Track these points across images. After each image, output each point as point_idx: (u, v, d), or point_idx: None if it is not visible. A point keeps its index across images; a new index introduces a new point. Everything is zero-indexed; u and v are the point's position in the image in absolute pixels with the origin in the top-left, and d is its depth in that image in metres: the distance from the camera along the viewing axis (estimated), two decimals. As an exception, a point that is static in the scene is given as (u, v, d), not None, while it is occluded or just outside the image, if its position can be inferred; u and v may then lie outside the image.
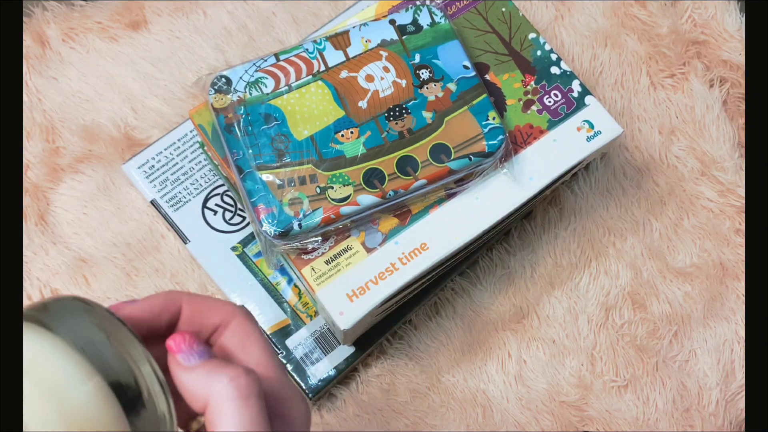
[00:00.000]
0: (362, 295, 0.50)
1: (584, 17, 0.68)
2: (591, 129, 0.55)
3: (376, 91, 0.53)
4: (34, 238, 0.60)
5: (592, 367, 0.60)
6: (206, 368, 0.30)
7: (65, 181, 0.61)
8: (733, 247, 0.64)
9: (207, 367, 0.30)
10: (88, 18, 0.66)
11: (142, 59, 0.65)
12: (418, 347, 0.59)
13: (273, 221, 0.49)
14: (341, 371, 0.57)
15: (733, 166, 0.65)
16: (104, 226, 0.60)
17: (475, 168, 0.52)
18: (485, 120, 0.53)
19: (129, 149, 0.62)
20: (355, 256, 0.51)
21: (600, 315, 0.61)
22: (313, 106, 0.52)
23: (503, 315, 0.60)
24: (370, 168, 0.51)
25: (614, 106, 0.66)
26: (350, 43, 0.54)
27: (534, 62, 0.56)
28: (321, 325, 0.57)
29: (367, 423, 0.57)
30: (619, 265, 0.62)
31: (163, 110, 0.63)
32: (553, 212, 0.63)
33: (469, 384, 0.59)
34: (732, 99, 0.68)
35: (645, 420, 0.59)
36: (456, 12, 0.57)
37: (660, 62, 0.68)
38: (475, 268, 0.61)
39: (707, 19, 0.69)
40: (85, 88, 0.64)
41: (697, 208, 0.64)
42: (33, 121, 0.62)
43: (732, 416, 0.60)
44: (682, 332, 0.61)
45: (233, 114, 0.51)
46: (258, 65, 0.53)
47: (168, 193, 0.59)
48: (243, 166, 0.50)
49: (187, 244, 0.59)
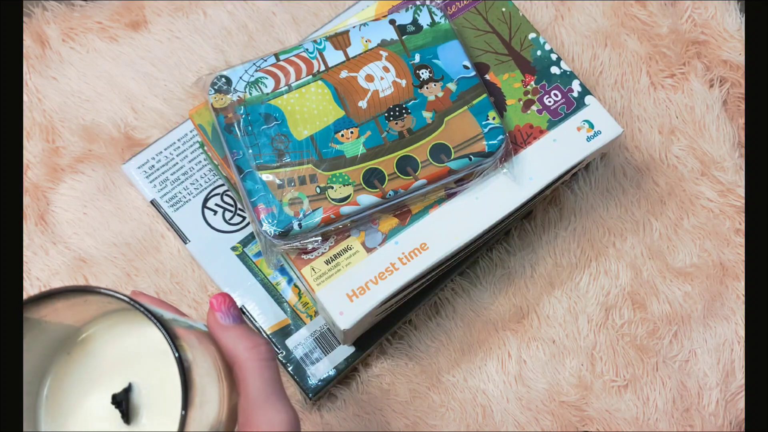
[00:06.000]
0: (362, 295, 0.50)
1: (584, 17, 0.68)
2: (591, 129, 0.55)
3: (376, 91, 0.53)
4: (34, 238, 0.60)
5: (592, 367, 0.60)
6: (236, 332, 0.35)
7: (65, 181, 0.61)
8: (733, 247, 0.64)
9: (237, 331, 0.35)
10: (88, 18, 0.66)
11: (142, 59, 0.65)
12: (418, 347, 0.59)
13: (273, 221, 0.49)
14: (341, 371, 0.57)
15: (733, 166, 0.65)
16: (104, 226, 0.60)
17: (475, 168, 0.52)
18: (485, 120, 0.53)
19: (129, 149, 0.62)
20: (355, 256, 0.51)
21: (600, 315, 0.61)
22: (313, 106, 0.52)
23: (503, 315, 0.60)
24: (370, 168, 0.51)
25: (614, 106, 0.66)
26: (350, 43, 0.54)
27: (534, 62, 0.56)
28: (321, 325, 0.57)
29: (367, 423, 0.57)
30: (619, 265, 0.62)
31: (163, 110, 0.63)
32: (553, 212, 0.63)
33: (469, 384, 0.59)
34: (732, 99, 0.68)
35: (645, 420, 0.59)
36: (456, 12, 0.57)
37: (660, 62, 0.68)
38: (475, 268, 0.61)
39: (707, 19, 0.69)
40: (85, 88, 0.64)
41: (697, 208, 0.64)
42: (33, 121, 0.62)
43: (732, 416, 0.60)
44: (682, 332, 0.61)
45: (233, 114, 0.51)
46: (258, 65, 0.53)
47: (168, 193, 0.59)
48: (243, 166, 0.50)
49: (187, 244, 0.59)
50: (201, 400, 0.30)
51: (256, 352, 0.35)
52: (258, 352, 0.35)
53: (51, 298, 0.30)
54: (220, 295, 0.37)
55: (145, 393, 0.33)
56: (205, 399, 0.31)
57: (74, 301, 0.31)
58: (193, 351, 0.31)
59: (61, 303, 0.31)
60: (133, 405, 0.33)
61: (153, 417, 0.33)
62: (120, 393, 0.32)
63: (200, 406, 0.30)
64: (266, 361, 0.35)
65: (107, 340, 0.34)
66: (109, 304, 0.33)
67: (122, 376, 0.33)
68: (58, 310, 0.31)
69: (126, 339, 0.34)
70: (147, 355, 0.34)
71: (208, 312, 0.36)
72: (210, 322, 0.36)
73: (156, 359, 0.33)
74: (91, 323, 0.35)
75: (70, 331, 0.34)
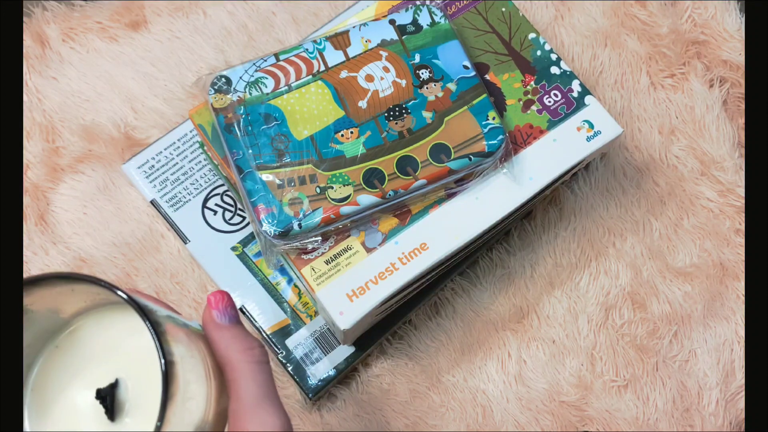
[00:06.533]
0: (362, 295, 0.50)
1: (584, 17, 0.68)
2: (591, 129, 0.55)
3: (376, 91, 0.53)
4: (34, 238, 0.60)
5: (592, 367, 0.60)
6: (231, 333, 0.35)
7: (65, 181, 0.61)
8: (733, 247, 0.64)
9: (232, 331, 0.35)
10: (88, 18, 0.66)
11: (142, 59, 0.65)
12: (418, 347, 0.59)
13: (273, 221, 0.49)
14: (341, 371, 0.57)
15: (733, 166, 0.65)
16: (104, 226, 0.60)
17: (475, 168, 0.52)
18: (485, 120, 0.53)
19: (129, 149, 0.62)
20: (355, 256, 0.51)
21: (600, 315, 0.61)
22: (313, 106, 0.52)
23: (503, 315, 0.60)
24: (370, 168, 0.51)
25: (614, 106, 0.66)
26: (350, 43, 0.54)
27: (534, 62, 0.56)
28: (321, 325, 0.57)
29: (367, 423, 0.57)
30: (619, 265, 0.62)
31: (163, 110, 0.63)
32: (553, 212, 0.63)
33: (469, 384, 0.59)
34: (732, 99, 0.68)
35: (645, 420, 0.59)
36: (456, 12, 0.57)
37: (660, 62, 0.68)
38: (475, 268, 0.61)
39: (707, 19, 0.69)
40: (85, 88, 0.64)
41: (697, 208, 0.64)
42: (33, 121, 0.62)
43: (732, 416, 0.60)
44: (682, 332, 0.61)
45: (233, 114, 0.51)
46: (258, 65, 0.53)
47: (168, 193, 0.59)
48: (243, 166, 0.50)
49: (187, 244, 0.59)
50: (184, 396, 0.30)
51: (250, 355, 0.34)
52: (252, 355, 0.34)
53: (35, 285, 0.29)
54: (219, 292, 0.36)
55: (132, 390, 0.32)
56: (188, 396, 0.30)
57: (60, 290, 0.31)
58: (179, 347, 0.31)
59: (46, 290, 0.30)
60: (118, 402, 0.32)
61: (137, 416, 0.32)
62: (105, 388, 0.32)
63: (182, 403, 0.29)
64: (260, 364, 0.34)
65: (96, 333, 0.34)
66: (97, 295, 0.32)
67: (110, 371, 0.33)
68: (44, 297, 0.31)
69: (115, 334, 0.34)
70: (136, 353, 0.33)
71: (204, 308, 0.36)
72: (205, 319, 0.35)
73: (145, 357, 0.33)
74: (80, 316, 0.34)
75: (58, 323, 0.34)
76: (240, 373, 0.34)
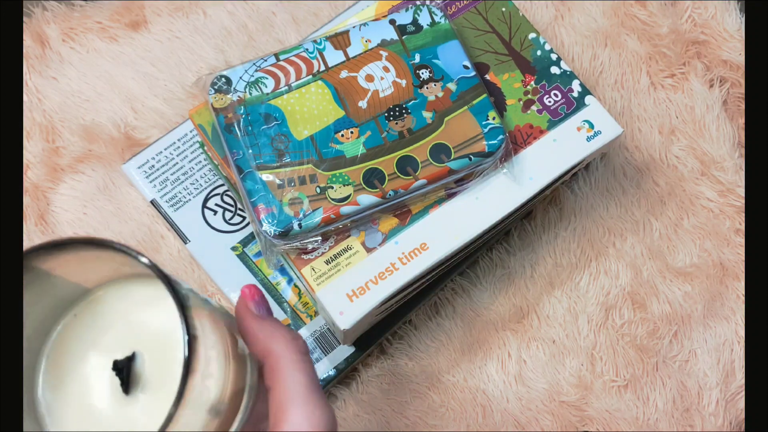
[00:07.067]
0: (362, 295, 0.50)
1: (584, 17, 0.68)
2: (591, 129, 0.55)
3: (376, 91, 0.53)
4: (34, 238, 0.60)
5: (592, 367, 0.60)
6: (272, 324, 0.34)
7: (65, 181, 0.61)
8: (733, 247, 0.64)
9: (273, 323, 0.35)
10: (88, 18, 0.66)
11: (142, 59, 0.65)
12: (418, 347, 0.59)
13: (273, 221, 0.49)
14: (341, 371, 0.57)
15: (733, 166, 0.65)
16: (104, 226, 0.60)
17: (475, 168, 0.52)
18: (485, 120, 0.53)
19: (129, 149, 0.62)
20: (355, 256, 0.51)
21: (600, 315, 0.61)
22: (313, 106, 0.52)
23: (503, 315, 0.60)
24: (370, 168, 0.51)
25: (614, 106, 0.66)
26: (350, 43, 0.54)
27: (534, 62, 0.56)
28: (321, 325, 0.57)
29: (367, 423, 0.57)
30: (619, 265, 0.62)
31: (163, 110, 0.63)
32: (553, 212, 0.63)
33: (469, 384, 0.59)
34: (732, 99, 0.68)
35: (645, 420, 0.59)
36: (456, 12, 0.57)
37: (660, 62, 0.68)
38: (475, 268, 0.61)
39: (707, 19, 0.69)
40: (85, 88, 0.64)
41: (697, 208, 0.64)
42: (33, 121, 0.62)
43: (732, 416, 0.60)
44: (682, 332, 0.61)
45: (233, 114, 0.51)
46: (258, 65, 0.53)
47: (168, 193, 0.59)
48: (243, 166, 0.50)
49: (187, 244, 0.59)
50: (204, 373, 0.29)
51: (295, 345, 0.33)
52: (296, 345, 0.33)
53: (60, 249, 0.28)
54: (252, 286, 0.36)
55: (148, 365, 0.32)
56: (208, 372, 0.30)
57: (84, 256, 0.30)
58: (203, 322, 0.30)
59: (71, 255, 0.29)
60: (134, 375, 0.31)
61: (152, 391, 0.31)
62: (122, 360, 0.31)
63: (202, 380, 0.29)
64: (305, 354, 0.34)
65: (116, 304, 0.33)
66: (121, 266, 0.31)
67: (127, 344, 0.32)
68: (68, 263, 0.30)
69: (136, 307, 0.33)
70: (155, 327, 0.32)
71: (238, 301, 0.36)
72: (241, 310, 0.35)
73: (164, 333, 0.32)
74: (102, 286, 0.33)
75: (79, 291, 0.33)
76: (286, 364, 0.33)
